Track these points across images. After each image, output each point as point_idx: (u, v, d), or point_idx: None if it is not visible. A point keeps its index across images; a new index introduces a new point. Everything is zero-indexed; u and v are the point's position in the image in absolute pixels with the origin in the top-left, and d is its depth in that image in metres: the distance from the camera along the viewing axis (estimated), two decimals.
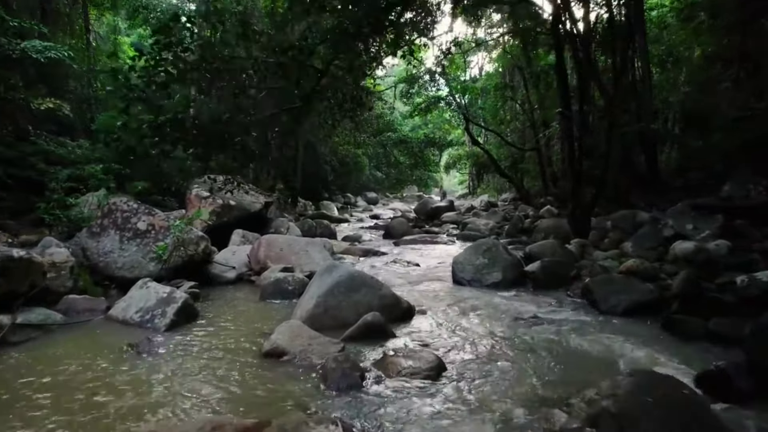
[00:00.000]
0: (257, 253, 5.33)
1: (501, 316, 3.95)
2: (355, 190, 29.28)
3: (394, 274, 5.73)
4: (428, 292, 4.81)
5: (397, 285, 5.03)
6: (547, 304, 4.33)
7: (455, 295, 4.70)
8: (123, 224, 4.92)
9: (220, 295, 4.62)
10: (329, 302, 3.60)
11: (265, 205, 7.15)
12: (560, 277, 4.95)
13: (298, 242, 5.69)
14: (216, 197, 6.51)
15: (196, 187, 6.75)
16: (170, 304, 3.68)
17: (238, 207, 6.67)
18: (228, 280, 5.13)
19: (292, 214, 12.18)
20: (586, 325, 3.66)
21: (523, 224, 10.45)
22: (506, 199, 20.44)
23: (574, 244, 6.16)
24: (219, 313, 4.01)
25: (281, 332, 3.10)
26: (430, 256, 7.75)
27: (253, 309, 4.14)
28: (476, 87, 16.18)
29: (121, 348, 3.11)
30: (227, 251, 5.74)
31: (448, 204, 16.70)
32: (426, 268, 6.21)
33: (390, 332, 3.37)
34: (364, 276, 3.85)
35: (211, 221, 6.39)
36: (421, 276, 5.66)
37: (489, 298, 4.53)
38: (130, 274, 4.59)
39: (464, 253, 5.42)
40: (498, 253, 5.23)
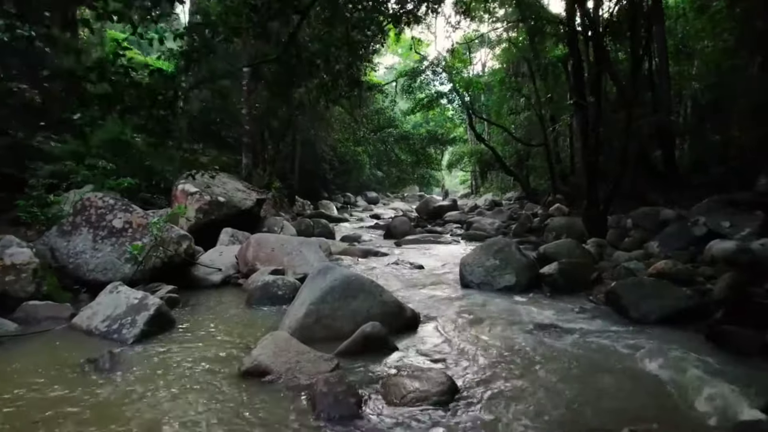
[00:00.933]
0: (245, 253, 4.90)
1: (517, 325, 3.52)
2: (355, 189, 28.87)
3: (395, 276, 5.30)
4: (434, 297, 4.38)
5: (399, 289, 4.60)
6: (568, 310, 3.90)
7: (464, 300, 4.27)
8: (97, 222, 4.50)
9: (202, 301, 4.19)
10: (322, 310, 3.17)
11: (257, 202, 6.72)
12: (580, 281, 4.52)
13: (291, 242, 5.26)
14: (204, 193, 6.08)
15: (182, 181, 6.33)
16: (141, 311, 3.26)
17: (227, 204, 6.25)
18: (213, 283, 4.70)
19: (288, 213, 11.75)
20: (616, 336, 3.23)
21: (532, 223, 10.02)
22: (511, 198, 20.00)
23: (591, 244, 5.73)
24: (198, 321, 3.58)
25: (264, 346, 2.66)
26: (435, 256, 7.33)
27: (237, 317, 3.70)
28: (480, 81, 15.73)
29: (77, 364, 2.68)
30: (214, 251, 5.32)
31: (451, 203, 16.26)
32: (430, 270, 5.78)
33: (392, 345, 2.94)
34: (363, 280, 3.41)
35: (197, 219, 5.96)
36: (426, 279, 5.23)
37: (502, 304, 4.10)
38: (104, 277, 4.17)
39: (473, 254, 4.98)
40: (511, 253, 4.80)
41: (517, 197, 17.54)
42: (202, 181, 6.57)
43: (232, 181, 7.25)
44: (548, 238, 7.65)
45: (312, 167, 20.89)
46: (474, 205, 17.70)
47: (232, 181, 7.25)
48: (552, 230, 7.63)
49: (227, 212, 6.20)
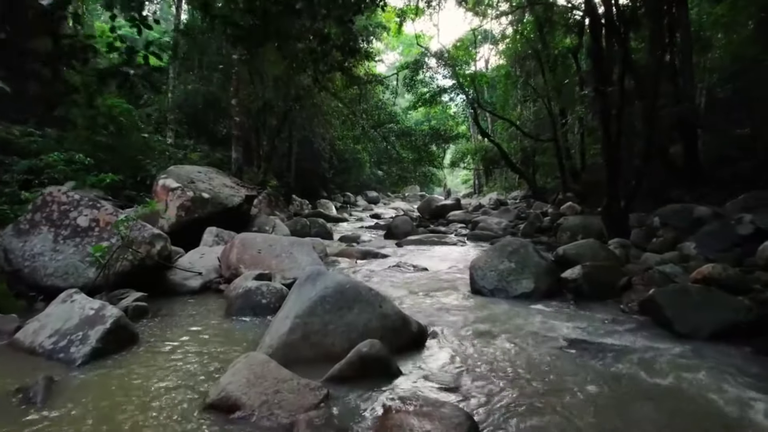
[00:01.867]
0: (228, 255, 4.40)
1: (542, 340, 3.01)
2: (355, 188, 28.40)
3: (397, 281, 4.80)
4: (442, 306, 3.87)
5: (402, 297, 4.10)
6: (599, 322, 3.39)
7: (476, 309, 3.76)
8: (59, 220, 4.00)
9: (176, 310, 3.69)
10: (310, 325, 2.66)
11: (246, 199, 6.22)
12: (607, 287, 4.03)
13: (281, 243, 4.76)
14: (186, 189, 5.59)
15: (163, 176, 5.83)
16: (96, 325, 2.76)
17: (213, 201, 5.75)
18: (191, 289, 4.20)
19: (284, 212, 11.27)
20: (661, 355, 2.72)
21: (542, 223, 9.52)
22: (516, 197, 19.49)
23: (613, 245, 5.23)
24: (167, 335, 3.08)
25: (236, 373, 2.16)
26: (439, 258, 6.83)
27: (213, 330, 3.20)
28: (486, 75, 15.24)
29: (8, 393, 2.19)
30: (195, 253, 4.82)
31: (454, 202, 15.76)
32: (436, 274, 5.27)
33: (395, 369, 2.43)
34: (359, 287, 2.91)
35: (179, 217, 5.47)
36: (431, 284, 4.72)
37: (521, 315, 3.59)
38: (64, 282, 3.67)
39: (485, 256, 4.48)
40: (527, 255, 4.30)
41: (523, 196, 17.03)
42: (186, 175, 6.08)
43: (220, 177, 6.76)
44: (562, 239, 7.17)
45: (310, 165, 20.40)
46: (478, 205, 17.20)
47: (220, 177, 6.76)
48: (567, 230, 7.14)
49: (212, 210, 5.70)
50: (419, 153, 15.23)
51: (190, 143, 11.70)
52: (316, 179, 21.89)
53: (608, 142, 5.85)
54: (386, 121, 14.69)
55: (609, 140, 5.88)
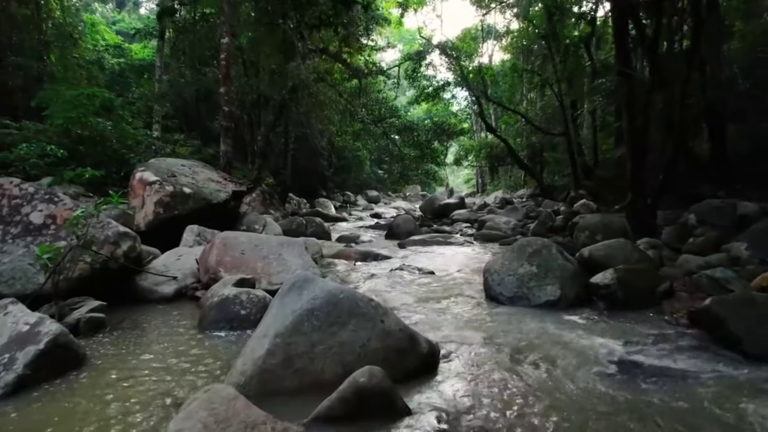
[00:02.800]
0: (207, 257, 3.88)
1: (580, 362, 2.49)
2: (355, 188, 27.90)
3: (401, 287, 4.27)
4: (454, 317, 3.34)
5: (406, 306, 3.57)
6: (642, 337, 2.87)
7: (496, 321, 3.23)
8: (10, 215, 3.50)
9: (141, 321, 3.17)
10: (294, 346, 2.14)
11: (233, 195, 5.70)
12: (645, 294, 3.50)
13: (269, 243, 4.24)
14: (165, 183, 5.07)
15: (141, 169, 5.32)
16: (28, 345, 2.25)
17: (195, 196, 5.23)
18: (163, 295, 3.68)
19: (279, 211, 10.76)
20: (736, 384, 2.20)
21: (554, 222, 8.99)
22: (522, 195, 18.95)
23: (643, 246, 4.70)
24: (122, 355, 2.56)
25: (191, 416, 1.64)
26: (446, 260, 6.31)
27: (179, 348, 2.68)
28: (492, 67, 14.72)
29: None
30: (171, 255, 4.30)
31: (458, 201, 15.23)
32: (444, 278, 4.75)
33: (400, 406, 1.91)
34: (356, 297, 2.38)
35: (157, 214, 4.95)
36: (440, 290, 4.19)
37: (548, 328, 3.06)
38: (9, 289, 3.17)
39: (501, 259, 3.95)
40: (551, 258, 3.78)
41: (530, 195, 16.51)
42: (167, 169, 5.57)
43: (207, 171, 6.24)
44: (579, 239, 6.63)
45: (308, 163, 19.88)
46: (483, 203, 16.66)
47: (207, 171, 6.24)
48: (584, 229, 6.60)
49: (194, 206, 5.19)
50: (422, 149, 14.71)
51: (181, 138, 11.19)
52: (314, 177, 21.39)
53: (633, 131, 5.32)
54: (387, 116, 14.16)
55: (634, 129, 5.36)
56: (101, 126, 8.45)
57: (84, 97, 7.60)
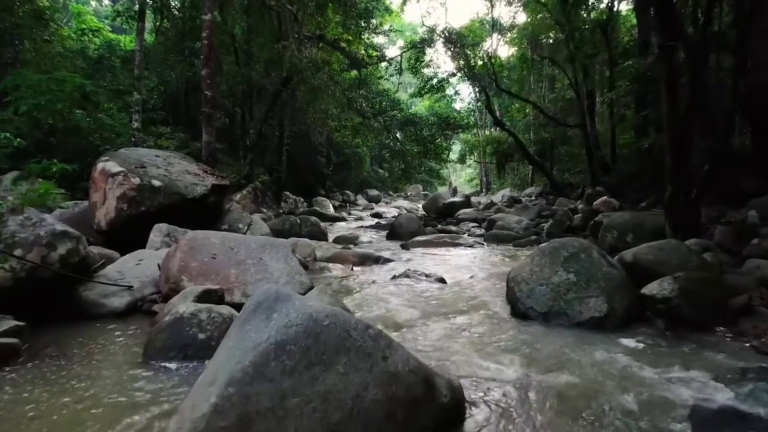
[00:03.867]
0: (169, 262, 3.20)
1: (656, 411, 1.81)
2: (355, 186, 27.22)
3: (405, 299, 3.58)
4: (476, 341, 2.66)
5: (413, 327, 2.90)
6: (725, 370, 2.18)
7: (530, 347, 2.55)
8: None
9: (72, 347, 2.49)
10: (254, 399, 1.47)
11: (213, 189, 5.02)
12: (714, 309, 2.82)
13: (247, 244, 3.57)
14: (131, 174, 4.39)
15: (104, 159, 4.65)
16: None
17: (166, 190, 4.55)
18: (112, 310, 3.00)
19: (271, 209, 10.10)
20: None
21: (571, 221, 8.30)
22: (531, 194, 18.26)
23: (694, 249, 4.00)
24: (23, 401, 1.88)
25: None
26: (456, 264, 5.64)
27: (107, 389, 2.00)
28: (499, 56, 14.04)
29: None
30: (131, 258, 3.63)
31: (463, 199, 14.55)
32: (457, 287, 4.06)
33: None
34: (346, 323, 1.70)
35: (119, 210, 4.27)
36: (454, 303, 3.51)
37: (600, 357, 2.39)
38: None
39: (530, 264, 3.27)
40: (593, 263, 3.10)
41: (540, 193, 15.83)
42: (136, 159, 4.90)
43: (184, 162, 5.57)
44: (606, 240, 5.97)
45: (306, 161, 19.21)
46: (489, 202, 15.98)
47: (184, 162, 5.57)
48: (612, 229, 5.92)
49: (165, 201, 4.51)
50: (425, 145, 14.01)
51: (167, 130, 10.53)
52: (312, 175, 20.73)
53: (675, 115, 4.63)
54: (388, 109, 13.48)
55: (675, 114, 4.67)
56: (75, 115, 7.77)
57: (52, 82, 6.92)
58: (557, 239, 3.46)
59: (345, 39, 11.60)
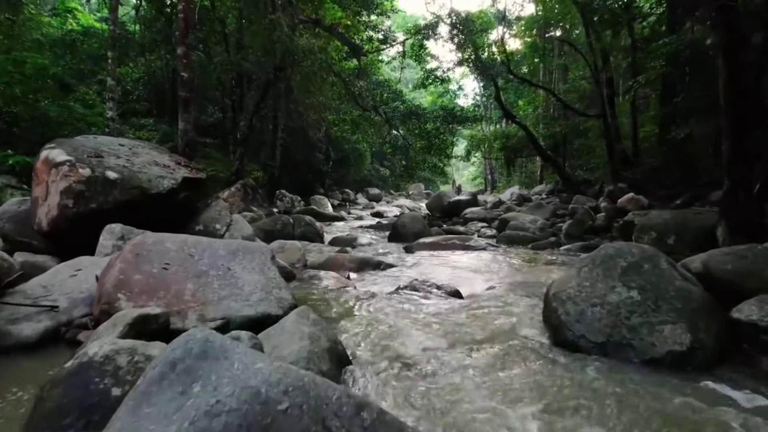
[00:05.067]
0: (106, 275, 2.49)
1: None
2: (355, 185, 26.51)
3: (413, 320, 2.86)
4: (515, 395, 1.92)
5: (424, 365, 2.16)
6: None
7: (592, 402, 1.81)
8: None
9: None
10: None
11: (183, 183, 4.30)
12: None
13: (213, 251, 2.85)
14: (80, 165, 3.68)
15: (50, 146, 3.93)
16: None
17: (124, 183, 3.83)
18: (22, 341, 2.29)
19: (263, 207, 9.39)
20: None
21: (594, 221, 7.58)
22: (540, 192, 17.51)
23: None
24: None
25: None
26: (469, 271, 4.92)
27: None
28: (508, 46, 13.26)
29: None
30: (65, 269, 2.92)
31: (470, 198, 13.82)
32: (476, 302, 3.33)
33: None
34: (318, 400, 0.98)
35: (64, 208, 3.56)
36: (474, 324, 2.78)
37: (696, 418, 1.65)
38: None
39: (576, 277, 2.56)
40: (662, 276, 2.39)
41: (551, 191, 15.08)
42: (93, 147, 4.18)
43: (154, 152, 4.86)
44: (642, 243, 5.22)
45: (304, 157, 18.49)
46: (498, 201, 15.25)
47: (154, 152, 4.86)
48: (649, 230, 5.21)
49: (122, 197, 3.79)
50: (429, 140, 13.27)
51: (149, 122, 9.82)
52: (310, 173, 20.02)
53: (737, 94, 3.91)
54: (390, 100, 12.73)
55: (736, 92, 3.94)
56: (42, 103, 7.06)
57: (9, 63, 6.21)
58: (610, 244, 2.72)
59: (343, 24, 10.90)
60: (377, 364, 2.13)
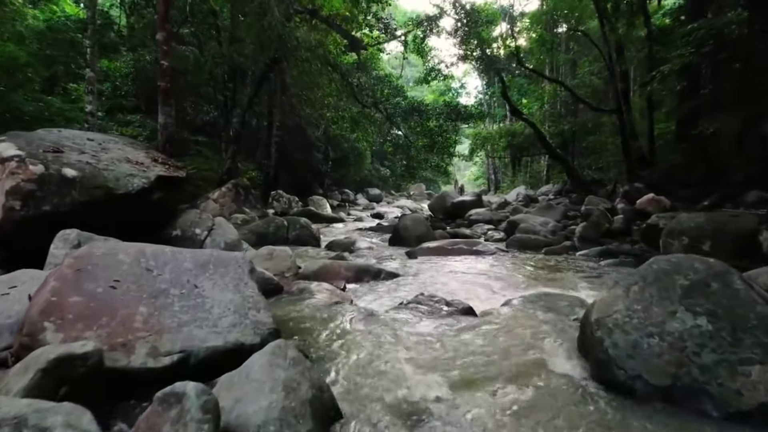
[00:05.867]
0: (35, 301, 2.00)
1: None
2: (355, 185, 26.05)
3: (420, 349, 2.37)
4: None
5: (435, 421, 1.66)
6: None
7: None
8: None
9: None
10: None
11: (157, 182, 3.82)
12: None
13: (177, 263, 2.38)
14: (31, 160, 3.20)
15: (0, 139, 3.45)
16: None
17: (85, 182, 3.35)
18: None
19: (256, 209, 8.92)
20: None
21: (611, 223, 7.08)
22: (547, 192, 17.02)
23: None
24: None
25: None
26: (480, 280, 4.44)
27: None
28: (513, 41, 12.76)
29: None
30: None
31: (474, 198, 13.34)
32: (491, 322, 2.84)
33: None
34: None
35: (10, 210, 3.08)
36: (494, 356, 2.30)
37: None
38: None
39: (625, 298, 2.08)
40: (737, 299, 1.92)
41: (558, 191, 14.59)
42: (53, 141, 3.71)
43: (128, 148, 4.38)
44: (672, 249, 4.76)
45: (302, 156, 18.03)
46: (503, 201, 14.76)
47: (128, 148, 4.38)
48: (680, 234, 4.72)
49: (82, 198, 3.31)
50: (432, 138, 12.78)
51: (136, 118, 9.35)
52: (309, 173, 19.56)
53: None
54: (391, 96, 12.24)
55: None
56: (17, 97, 6.60)
57: None
58: (664, 257, 2.23)
59: (342, 15, 10.43)
60: (377, 418, 1.65)
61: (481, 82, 25.59)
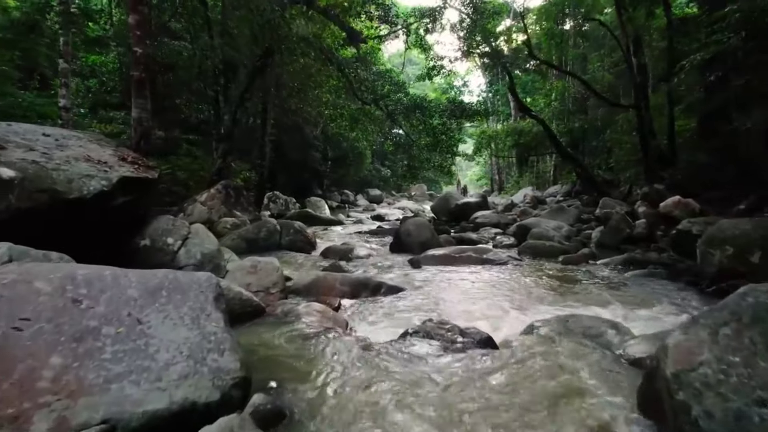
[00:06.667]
0: None
1: None
2: (355, 186, 25.50)
3: (430, 405, 1.82)
4: None
5: None
6: None
7: None
8: None
9: None
10: None
11: (121, 185, 3.30)
12: None
13: (119, 289, 1.85)
14: None
15: None
16: None
17: (26, 185, 2.82)
18: None
19: (248, 211, 8.40)
20: None
21: (632, 228, 6.53)
22: (554, 193, 16.48)
23: None
24: None
25: None
26: (495, 297, 3.92)
27: None
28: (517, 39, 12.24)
29: None
30: None
31: (479, 200, 12.76)
32: (517, 359, 2.30)
33: None
34: None
35: None
36: (528, 405, 1.76)
37: None
38: None
39: (711, 343, 1.53)
40: None
41: (567, 192, 14.06)
42: None
43: (92, 146, 3.86)
44: (713, 259, 4.23)
45: (300, 156, 17.49)
46: (510, 203, 14.21)
47: (92, 146, 3.86)
48: (722, 243, 4.18)
49: (22, 204, 2.78)
50: (435, 136, 12.25)
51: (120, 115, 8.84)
52: (307, 173, 19.03)
53: None
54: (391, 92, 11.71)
55: None
56: None
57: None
58: (763, 286, 1.69)
59: (340, 4, 9.92)
60: None
61: (485, 80, 25.07)
